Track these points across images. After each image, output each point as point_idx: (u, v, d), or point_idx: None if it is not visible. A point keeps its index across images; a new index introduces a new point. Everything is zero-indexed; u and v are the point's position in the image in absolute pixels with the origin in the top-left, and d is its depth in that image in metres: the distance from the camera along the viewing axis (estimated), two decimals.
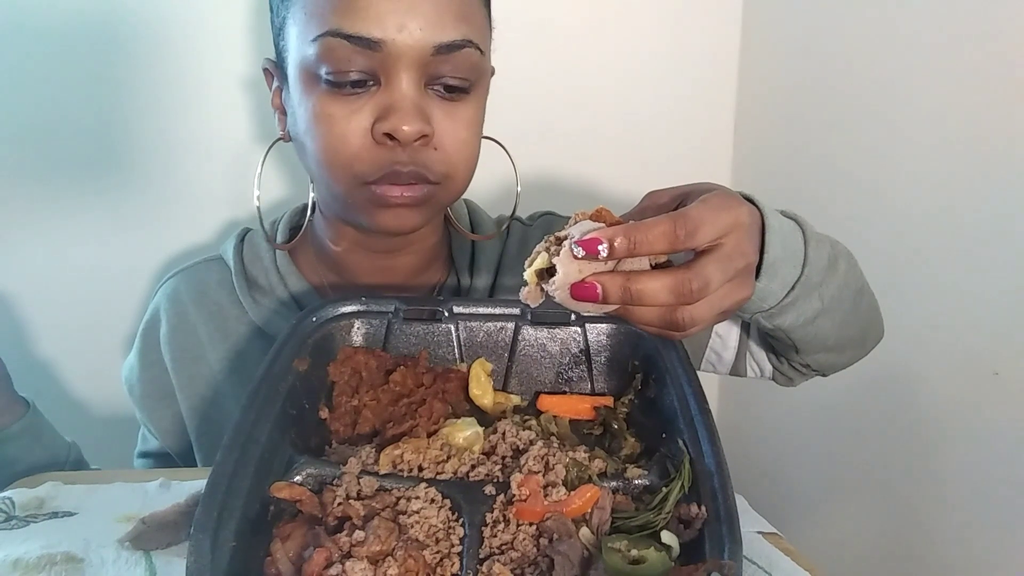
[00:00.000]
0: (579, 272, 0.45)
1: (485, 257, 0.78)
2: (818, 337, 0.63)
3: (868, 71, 0.94)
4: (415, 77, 0.61)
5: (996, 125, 0.78)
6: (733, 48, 1.16)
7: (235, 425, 0.49)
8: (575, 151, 1.13)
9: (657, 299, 0.45)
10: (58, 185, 0.98)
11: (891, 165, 0.91)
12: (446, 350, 0.63)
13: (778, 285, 0.55)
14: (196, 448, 0.77)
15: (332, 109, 0.62)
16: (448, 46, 0.61)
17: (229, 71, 1.00)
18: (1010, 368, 0.78)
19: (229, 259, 0.78)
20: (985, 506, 0.81)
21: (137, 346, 0.79)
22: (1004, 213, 0.78)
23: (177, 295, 0.78)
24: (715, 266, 0.46)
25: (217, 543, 0.43)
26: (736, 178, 1.20)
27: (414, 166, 0.62)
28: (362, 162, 0.63)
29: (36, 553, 0.51)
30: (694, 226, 0.45)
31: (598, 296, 0.45)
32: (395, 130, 0.60)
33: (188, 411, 0.76)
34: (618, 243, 0.44)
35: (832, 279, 0.59)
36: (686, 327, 0.47)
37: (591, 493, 0.48)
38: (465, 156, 0.66)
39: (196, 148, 1.01)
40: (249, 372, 0.73)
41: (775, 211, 0.54)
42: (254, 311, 0.75)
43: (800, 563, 0.53)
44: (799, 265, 0.56)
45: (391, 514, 0.48)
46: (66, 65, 0.95)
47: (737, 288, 0.48)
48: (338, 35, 0.60)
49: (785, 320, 0.58)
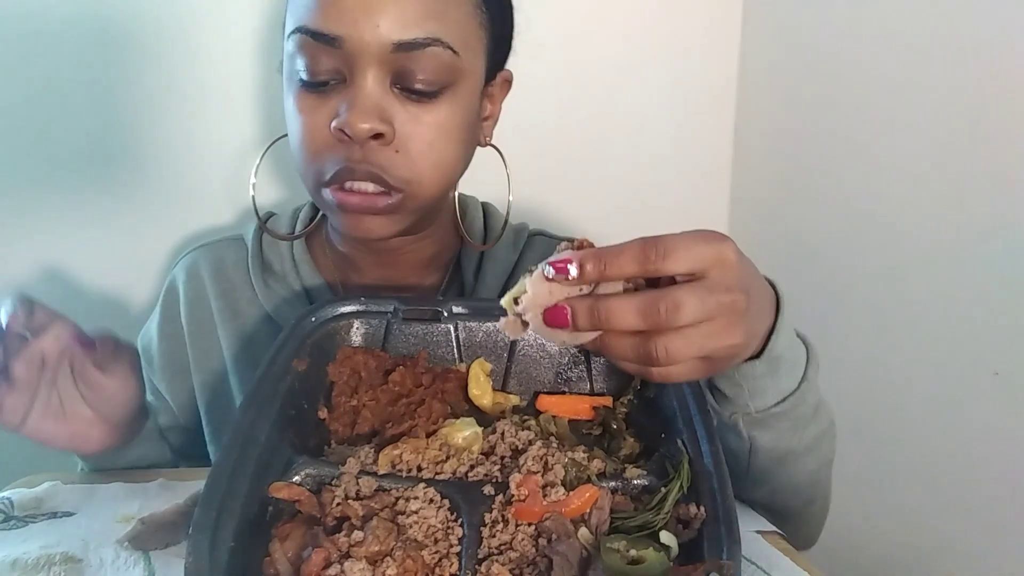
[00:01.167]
0: (550, 294, 0.44)
1: (494, 263, 0.78)
2: (774, 475, 0.60)
3: (869, 72, 0.94)
4: (378, 75, 0.61)
5: (997, 125, 0.78)
6: (733, 48, 1.16)
7: (234, 425, 0.49)
8: (575, 152, 1.13)
9: (624, 320, 0.43)
10: (59, 186, 0.98)
11: (891, 165, 0.91)
12: (445, 350, 0.63)
13: (773, 387, 0.54)
14: (205, 423, 0.77)
15: (303, 105, 0.63)
16: (409, 44, 0.60)
17: (232, 72, 1.00)
18: (1010, 368, 0.78)
19: (248, 240, 0.79)
20: (985, 506, 0.81)
21: (157, 317, 0.80)
22: (1004, 213, 0.78)
23: (195, 269, 0.79)
24: (690, 294, 0.43)
25: (216, 543, 0.43)
26: (736, 180, 1.20)
27: (368, 165, 0.61)
28: (321, 159, 0.63)
29: (35, 554, 0.51)
30: (666, 250, 0.43)
31: (568, 320, 0.44)
32: (346, 125, 0.60)
33: (199, 384, 0.77)
34: (589, 264, 0.43)
35: (815, 425, 0.59)
36: (661, 361, 0.43)
37: (590, 493, 0.48)
38: (431, 161, 0.64)
39: (198, 149, 1.01)
40: (254, 356, 0.74)
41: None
42: (265, 295, 0.75)
43: (799, 563, 0.53)
44: (797, 379, 0.55)
45: (390, 514, 0.48)
46: (67, 66, 0.95)
47: (723, 330, 0.44)
48: (305, 32, 0.61)
49: (762, 437, 0.57)
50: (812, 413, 0.58)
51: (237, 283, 0.77)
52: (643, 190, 1.16)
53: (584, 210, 1.12)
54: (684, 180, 1.17)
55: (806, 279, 1.04)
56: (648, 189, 1.16)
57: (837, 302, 1.00)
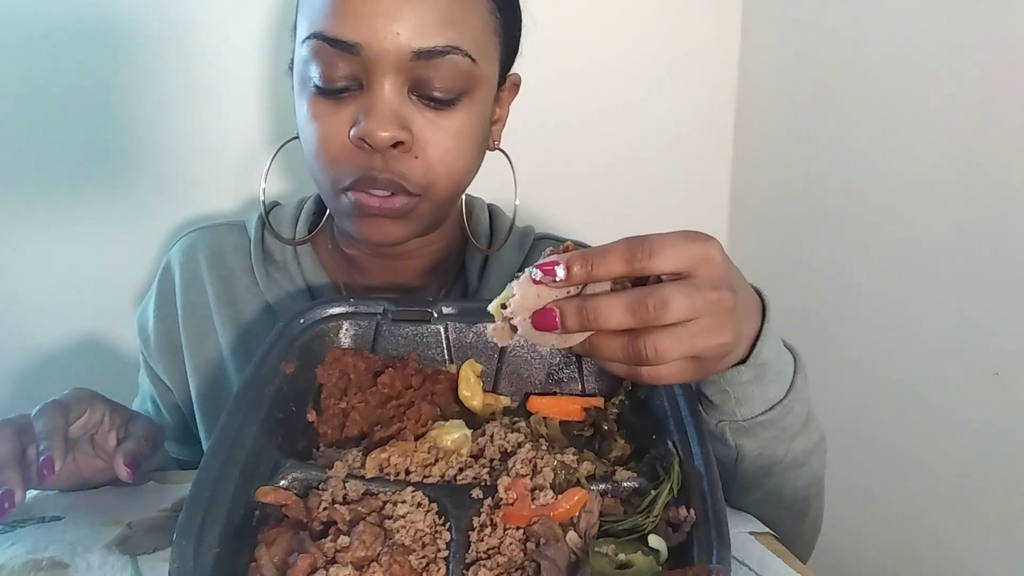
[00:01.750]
0: (538, 297, 0.44)
1: (499, 267, 0.77)
2: (761, 486, 0.59)
3: (869, 72, 0.94)
4: (396, 82, 0.60)
5: (997, 124, 0.77)
6: (733, 48, 1.15)
7: (220, 429, 0.49)
8: (575, 153, 1.13)
9: (613, 317, 0.43)
10: (66, 186, 0.98)
11: (891, 165, 0.91)
12: (435, 351, 0.62)
13: (760, 394, 0.54)
14: (197, 407, 0.77)
15: (317, 111, 0.62)
16: (429, 52, 0.59)
17: (239, 73, 0.99)
18: (1010, 368, 0.78)
19: (251, 228, 0.78)
20: (985, 506, 0.81)
21: (154, 297, 0.79)
22: (1004, 214, 0.77)
23: (192, 251, 0.78)
24: (678, 290, 0.42)
25: (201, 549, 0.43)
26: (736, 181, 1.19)
27: (390, 174, 0.61)
28: (339, 166, 0.62)
29: (21, 559, 0.51)
30: (652, 249, 0.43)
31: (556, 322, 0.44)
32: (368, 135, 0.60)
33: (191, 368, 0.76)
34: (575, 265, 0.43)
35: (803, 438, 0.58)
36: (651, 359, 0.43)
37: (579, 496, 0.47)
38: (448, 167, 0.64)
39: (206, 149, 1.01)
40: (251, 345, 0.74)
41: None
42: (266, 285, 0.75)
43: (792, 564, 0.52)
44: (784, 388, 0.55)
45: (377, 519, 0.47)
46: (74, 67, 0.95)
47: (712, 328, 0.44)
48: (321, 38, 0.60)
49: (749, 445, 0.56)
50: (801, 425, 0.58)
51: (236, 269, 0.76)
52: (642, 191, 1.15)
53: (583, 211, 1.12)
54: (683, 181, 1.17)
55: (806, 279, 1.04)
56: (647, 190, 1.15)
57: (837, 302, 1.00)
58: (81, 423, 0.58)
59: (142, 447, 0.59)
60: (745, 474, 0.58)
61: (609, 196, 1.14)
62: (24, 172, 0.97)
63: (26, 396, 1.00)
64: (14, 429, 0.54)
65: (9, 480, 0.50)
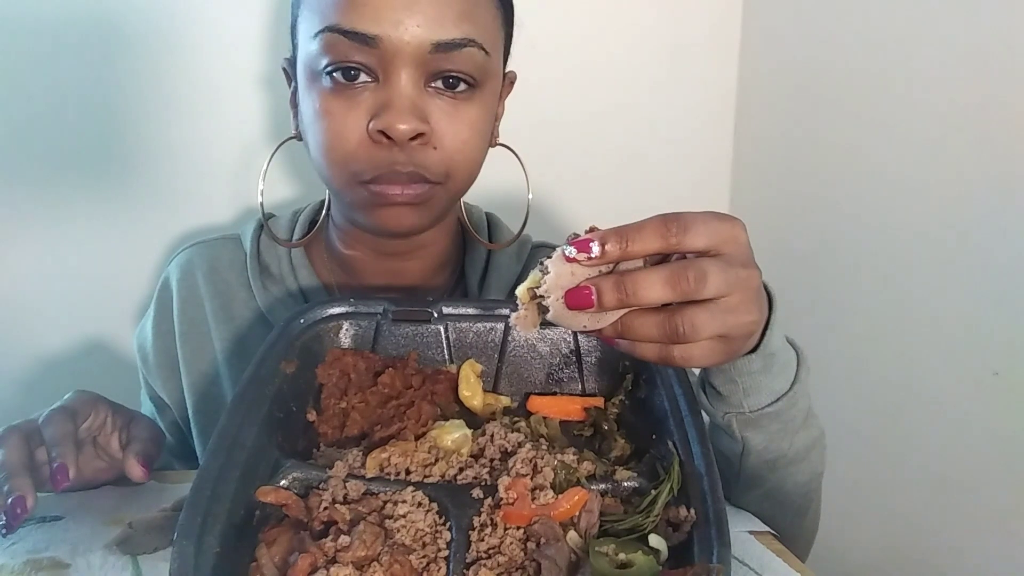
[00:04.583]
0: (572, 275, 0.43)
1: (499, 273, 0.77)
2: (765, 481, 0.60)
3: (869, 72, 0.94)
4: (414, 75, 0.60)
5: (998, 123, 0.77)
6: (733, 48, 1.15)
7: (220, 429, 0.49)
8: (574, 152, 1.12)
9: (652, 291, 0.42)
10: (65, 185, 0.98)
11: (891, 164, 0.91)
12: (435, 351, 0.62)
13: (767, 385, 0.54)
14: (193, 423, 0.76)
15: (331, 105, 0.62)
16: (447, 44, 0.60)
17: (238, 71, 0.99)
18: (1010, 368, 0.78)
19: (247, 241, 0.78)
20: (984, 506, 0.81)
21: (152, 314, 0.79)
22: (1004, 213, 0.77)
23: (190, 267, 0.78)
24: (714, 264, 0.43)
25: (201, 549, 0.42)
26: (735, 181, 1.19)
27: (413, 167, 0.62)
28: (358, 160, 0.62)
29: (22, 559, 0.51)
30: (686, 225, 0.43)
31: (592, 300, 0.43)
32: (389, 128, 0.60)
33: (188, 385, 0.76)
34: (610, 242, 0.42)
35: (805, 432, 0.59)
36: (688, 336, 0.43)
37: (579, 496, 0.47)
38: (466, 156, 0.64)
39: (205, 148, 1.01)
40: (248, 358, 0.73)
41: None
42: (262, 297, 0.75)
43: (792, 564, 0.52)
44: (789, 380, 0.56)
45: (377, 518, 0.47)
46: (73, 65, 0.95)
47: (742, 305, 0.44)
48: (336, 31, 0.59)
49: (755, 438, 0.57)
50: (803, 419, 0.59)
51: (233, 283, 0.76)
52: (642, 191, 1.15)
53: (582, 211, 1.12)
54: (683, 181, 1.17)
55: (806, 278, 1.04)
56: (647, 190, 1.15)
57: (837, 301, 1.00)
58: (86, 426, 0.59)
59: (149, 448, 0.60)
60: (750, 469, 0.59)
61: (609, 196, 1.14)
62: (24, 172, 0.97)
63: (29, 399, 1.01)
64: (21, 435, 0.55)
65: (21, 486, 0.51)
